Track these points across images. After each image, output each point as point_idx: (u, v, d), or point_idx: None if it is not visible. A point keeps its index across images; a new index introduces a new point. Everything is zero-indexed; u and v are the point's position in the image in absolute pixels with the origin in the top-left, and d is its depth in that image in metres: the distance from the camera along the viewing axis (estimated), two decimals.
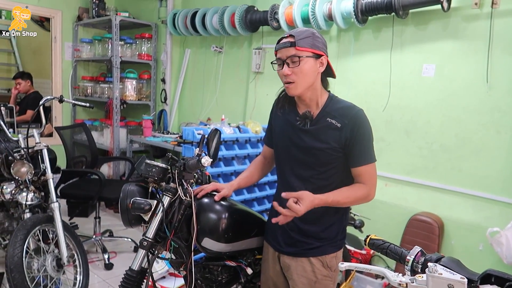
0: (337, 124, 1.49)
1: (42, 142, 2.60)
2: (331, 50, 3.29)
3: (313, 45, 1.47)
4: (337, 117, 1.50)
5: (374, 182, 1.53)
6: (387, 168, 3.03)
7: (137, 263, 1.50)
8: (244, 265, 1.74)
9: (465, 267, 0.88)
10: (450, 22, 2.70)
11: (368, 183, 1.52)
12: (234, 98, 4.05)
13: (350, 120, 1.48)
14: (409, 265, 0.92)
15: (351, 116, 1.49)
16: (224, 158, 2.96)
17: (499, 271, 0.81)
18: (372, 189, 1.53)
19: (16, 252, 2.17)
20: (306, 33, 1.48)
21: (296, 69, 1.45)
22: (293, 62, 1.45)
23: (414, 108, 2.89)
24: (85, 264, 2.58)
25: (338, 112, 1.51)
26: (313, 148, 1.52)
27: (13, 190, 2.56)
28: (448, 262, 0.88)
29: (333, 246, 1.58)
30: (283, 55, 1.47)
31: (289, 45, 1.45)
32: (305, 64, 1.45)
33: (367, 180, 1.52)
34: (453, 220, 2.74)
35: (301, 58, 1.44)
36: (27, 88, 4.83)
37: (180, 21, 4.07)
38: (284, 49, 1.47)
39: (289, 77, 1.46)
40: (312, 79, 1.49)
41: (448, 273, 0.79)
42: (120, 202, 1.52)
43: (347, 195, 1.50)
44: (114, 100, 4.34)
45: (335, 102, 1.55)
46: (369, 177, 1.52)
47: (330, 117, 1.50)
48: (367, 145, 1.51)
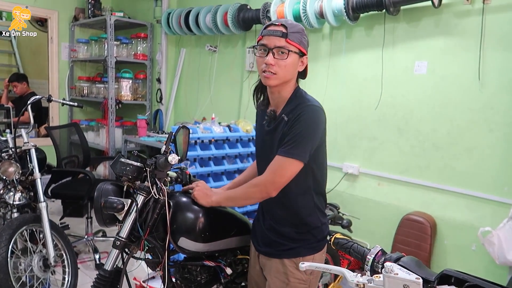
0: (286, 118, 1.43)
1: (30, 142, 2.59)
2: (323, 48, 3.27)
3: (301, 42, 1.44)
4: (290, 113, 1.43)
5: (274, 174, 1.40)
6: (380, 167, 2.99)
7: (109, 263, 1.47)
8: (223, 265, 1.71)
9: (424, 267, 0.85)
10: (442, 19, 2.65)
11: (266, 173, 1.42)
12: (228, 97, 4.03)
13: (294, 113, 1.41)
14: (369, 264, 0.90)
15: (297, 109, 1.41)
16: (214, 158, 2.94)
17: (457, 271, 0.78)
18: (267, 180, 1.41)
19: (0, 252, 2.17)
20: (297, 28, 1.44)
21: (281, 61, 1.40)
22: (281, 54, 1.40)
23: (406, 106, 2.85)
24: (73, 264, 2.57)
25: (292, 107, 1.44)
26: (272, 148, 1.47)
27: (1, 189, 2.56)
28: (407, 262, 0.85)
29: (308, 249, 1.52)
30: (271, 43, 1.40)
31: (280, 34, 1.39)
32: (291, 59, 1.41)
33: (267, 170, 1.41)
34: (446, 219, 2.69)
35: (290, 52, 1.40)
36: (24, 89, 4.85)
37: (174, 20, 4.06)
38: (273, 37, 1.40)
39: (272, 67, 1.40)
40: (291, 76, 1.46)
41: (404, 273, 0.76)
42: (94, 201, 1.50)
43: (236, 190, 1.55)
44: (109, 100, 4.34)
45: (297, 97, 1.48)
46: (271, 167, 1.41)
47: (285, 114, 1.45)
48: (294, 139, 1.38)
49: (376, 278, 0.80)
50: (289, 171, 1.39)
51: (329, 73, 3.22)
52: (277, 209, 1.52)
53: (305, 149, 1.39)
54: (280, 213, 1.51)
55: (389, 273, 0.77)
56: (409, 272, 0.76)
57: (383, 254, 0.93)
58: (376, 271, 0.89)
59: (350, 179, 3.14)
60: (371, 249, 0.96)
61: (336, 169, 3.14)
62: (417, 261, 0.87)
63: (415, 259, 0.88)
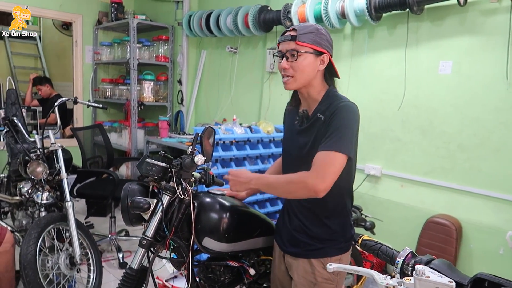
0: (322, 118, 1.44)
1: (57, 143, 2.66)
2: (345, 48, 3.24)
3: (314, 41, 1.43)
4: (325, 111, 1.44)
5: (323, 171, 1.34)
6: (403, 169, 2.94)
7: (136, 262, 1.50)
8: (246, 266, 1.72)
9: (456, 270, 0.83)
10: (467, 17, 2.60)
11: (314, 169, 1.35)
12: (249, 98, 4.04)
13: (330, 112, 1.41)
14: (398, 267, 0.88)
15: (333, 107, 1.41)
16: (235, 158, 2.95)
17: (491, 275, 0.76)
18: (315, 177, 1.33)
19: (29, 249, 2.23)
20: (310, 29, 1.44)
21: (294, 63, 1.43)
22: (292, 56, 1.43)
23: (430, 106, 2.79)
24: (98, 262, 2.63)
25: (326, 106, 1.45)
26: (307, 147, 1.48)
27: (29, 189, 2.64)
28: (438, 265, 0.84)
29: (336, 249, 1.53)
30: (283, 48, 1.45)
31: (289, 38, 1.43)
32: (304, 59, 1.42)
33: (314, 167, 1.35)
34: (472, 222, 2.63)
35: (300, 53, 1.41)
36: (48, 92, 4.98)
37: (195, 22, 4.10)
38: (285, 42, 1.45)
39: (287, 71, 1.45)
40: (310, 76, 1.46)
41: (436, 276, 0.75)
42: (121, 201, 1.53)
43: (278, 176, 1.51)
44: (132, 102, 4.41)
45: (330, 97, 1.48)
46: (318, 164, 1.35)
47: (320, 113, 1.46)
48: (335, 133, 1.36)
49: (406, 281, 0.79)
50: (336, 166, 1.34)
51: (351, 74, 3.20)
52: (308, 210, 1.52)
53: (347, 142, 1.36)
54: (312, 214, 1.51)
55: (421, 276, 0.76)
56: (441, 275, 0.75)
57: (413, 257, 0.91)
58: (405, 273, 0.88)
59: (372, 181, 3.11)
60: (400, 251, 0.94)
61: (358, 170, 3.06)
62: (449, 264, 0.85)
63: (447, 262, 0.86)
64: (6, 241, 2.29)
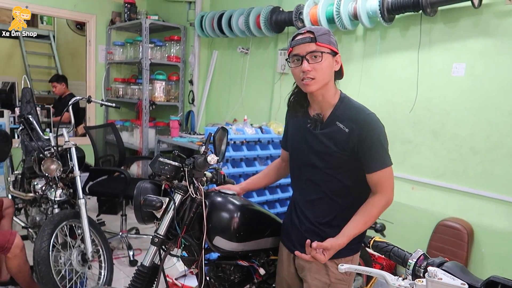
0: (345, 128, 1.46)
1: (71, 141, 2.70)
2: (356, 49, 3.23)
3: (330, 42, 1.46)
4: (346, 121, 1.46)
5: (391, 186, 1.49)
6: (414, 171, 2.93)
7: (148, 259, 1.52)
8: (257, 266, 1.73)
9: (469, 273, 0.83)
10: (482, 19, 2.57)
11: (384, 189, 1.47)
12: (260, 99, 4.05)
13: (358, 125, 1.44)
14: (410, 268, 0.88)
15: (360, 121, 1.45)
16: (246, 159, 2.96)
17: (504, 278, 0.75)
18: (389, 195, 1.49)
19: (43, 246, 2.27)
20: (323, 30, 1.47)
21: (317, 65, 1.42)
22: (314, 58, 1.43)
23: (442, 109, 2.77)
24: (109, 259, 2.66)
25: (347, 115, 1.47)
26: (322, 152, 1.50)
27: (43, 186, 2.68)
28: (451, 267, 0.84)
29: (349, 250, 1.54)
30: (302, 51, 1.43)
31: (309, 40, 1.43)
32: (325, 60, 1.44)
33: (383, 187, 1.47)
34: (484, 226, 2.60)
35: (323, 53, 1.42)
36: (63, 90, 5.05)
37: (207, 23, 4.13)
38: (303, 45, 1.44)
39: (310, 73, 1.43)
40: (329, 77, 1.48)
41: (449, 278, 0.75)
42: (133, 199, 1.55)
43: (365, 221, 1.46)
44: (144, 101, 4.45)
45: (346, 104, 1.51)
46: (384, 183, 1.47)
47: (339, 121, 1.47)
48: (379, 150, 1.46)
49: (418, 283, 0.79)
50: (393, 177, 1.50)
51: (362, 75, 3.19)
52: (320, 212, 1.53)
53: (388, 153, 1.50)
54: (327, 217, 1.52)
55: (433, 278, 0.76)
56: (453, 278, 0.75)
57: (425, 259, 0.91)
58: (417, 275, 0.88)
59: None
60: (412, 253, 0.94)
61: None
62: (462, 266, 0.85)
63: (460, 264, 0.86)
64: (15, 246, 2.33)
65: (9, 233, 2.37)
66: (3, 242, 2.30)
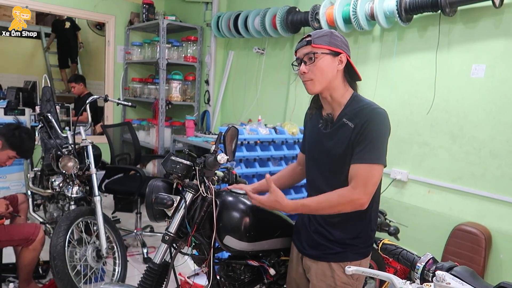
0: (351, 124, 1.44)
1: (88, 139, 2.75)
2: (373, 50, 3.20)
3: (330, 42, 1.46)
4: (352, 117, 1.44)
5: (366, 185, 1.38)
6: (431, 174, 2.87)
7: (158, 257, 1.53)
8: (267, 266, 1.72)
9: (480, 278, 0.81)
10: (503, 19, 2.51)
11: (357, 185, 1.38)
12: (275, 99, 4.05)
13: (361, 119, 1.42)
14: (418, 272, 0.87)
15: (364, 114, 1.42)
16: (259, 159, 2.96)
17: None
18: (360, 193, 1.37)
19: (59, 241, 2.32)
20: (324, 32, 1.49)
21: (312, 66, 1.45)
22: (310, 60, 1.46)
23: (461, 111, 2.72)
24: (124, 256, 2.70)
25: (354, 112, 1.45)
26: (332, 151, 1.49)
27: (60, 183, 2.74)
28: (460, 272, 0.81)
29: (356, 254, 1.52)
30: (300, 54, 1.49)
31: (305, 43, 1.47)
32: (321, 61, 1.45)
33: (357, 182, 1.38)
34: (503, 232, 2.53)
35: (316, 54, 1.44)
36: (81, 90, 5.15)
37: (224, 23, 4.15)
38: (301, 48, 1.49)
39: (306, 75, 1.47)
40: (329, 77, 1.47)
41: (457, 283, 0.73)
42: (145, 197, 1.57)
43: (320, 202, 1.42)
44: (160, 101, 4.50)
45: (356, 102, 1.49)
46: (360, 178, 1.38)
47: (347, 118, 1.46)
48: (372, 144, 1.38)
49: (426, 287, 0.77)
50: (377, 177, 1.40)
51: (379, 76, 3.15)
52: (331, 214, 1.51)
53: (383, 151, 1.41)
54: (334, 219, 1.50)
55: (441, 282, 0.74)
56: (462, 283, 0.73)
57: (434, 262, 0.89)
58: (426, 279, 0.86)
59: (398, 185, 3.05)
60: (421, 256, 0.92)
61: (383, 174, 3.05)
62: (472, 271, 0.83)
63: (470, 269, 0.84)
64: (38, 240, 2.40)
65: (34, 226, 2.44)
66: (29, 234, 2.37)
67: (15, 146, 2.43)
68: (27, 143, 2.48)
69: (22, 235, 2.37)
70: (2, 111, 3.81)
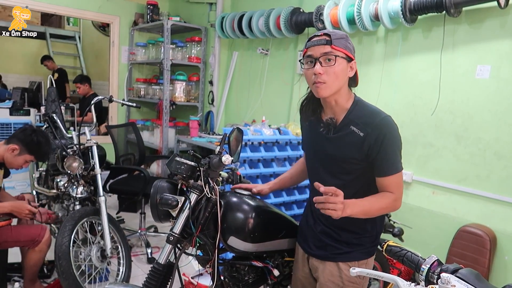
0: (360, 133, 1.42)
1: (92, 140, 2.76)
2: (377, 51, 3.19)
3: (346, 47, 1.42)
4: (360, 125, 1.43)
5: (401, 191, 1.47)
6: (435, 175, 2.86)
7: (163, 257, 1.54)
8: (271, 267, 1.72)
9: (485, 280, 0.81)
10: (508, 20, 2.50)
11: (395, 193, 1.45)
12: (279, 100, 4.05)
13: (374, 129, 1.40)
14: (423, 274, 0.87)
15: (375, 124, 1.41)
16: (263, 160, 2.96)
17: None
18: (399, 199, 1.47)
19: (64, 241, 2.33)
20: (341, 34, 1.44)
21: (330, 68, 1.38)
22: (328, 61, 1.39)
23: (466, 112, 2.71)
24: (128, 256, 2.71)
25: (361, 119, 1.44)
26: (335, 157, 1.48)
27: (65, 183, 2.76)
28: (465, 274, 0.81)
29: (363, 253, 1.53)
30: (316, 53, 1.39)
31: (324, 42, 1.39)
32: (339, 64, 1.40)
33: (395, 190, 1.45)
34: (508, 233, 2.52)
35: (337, 57, 1.39)
36: (86, 90, 5.17)
37: (228, 24, 4.15)
38: (318, 47, 1.39)
39: (321, 76, 1.38)
40: (342, 83, 1.44)
41: (463, 286, 0.73)
42: (150, 197, 1.57)
43: (372, 203, 1.43)
44: (164, 101, 4.51)
45: (360, 108, 1.47)
46: (396, 187, 1.45)
47: (353, 125, 1.44)
48: (394, 154, 1.43)
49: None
50: (402, 181, 1.48)
51: (383, 77, 3.14)
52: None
53: (400, 158, 1.47)
54: (341, 219, 1.50)
55: (446, 285, 0.74)
56: (467, 285, 0.73)
57: (439, 265, 0.89)
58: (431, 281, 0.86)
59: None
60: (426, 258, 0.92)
61: None
62: (477, 274, 0.83)
63: (475, 271, 0.84)
64: (44, 241, 2.41)
65: (41, 228, 2.45)
66: (35, 236, 2.38)
67: (33, 150, 2.45)
68: (45, 147, 2.50)
69: (28, 236, 2.38)
70: (8, 111, 3.83)
